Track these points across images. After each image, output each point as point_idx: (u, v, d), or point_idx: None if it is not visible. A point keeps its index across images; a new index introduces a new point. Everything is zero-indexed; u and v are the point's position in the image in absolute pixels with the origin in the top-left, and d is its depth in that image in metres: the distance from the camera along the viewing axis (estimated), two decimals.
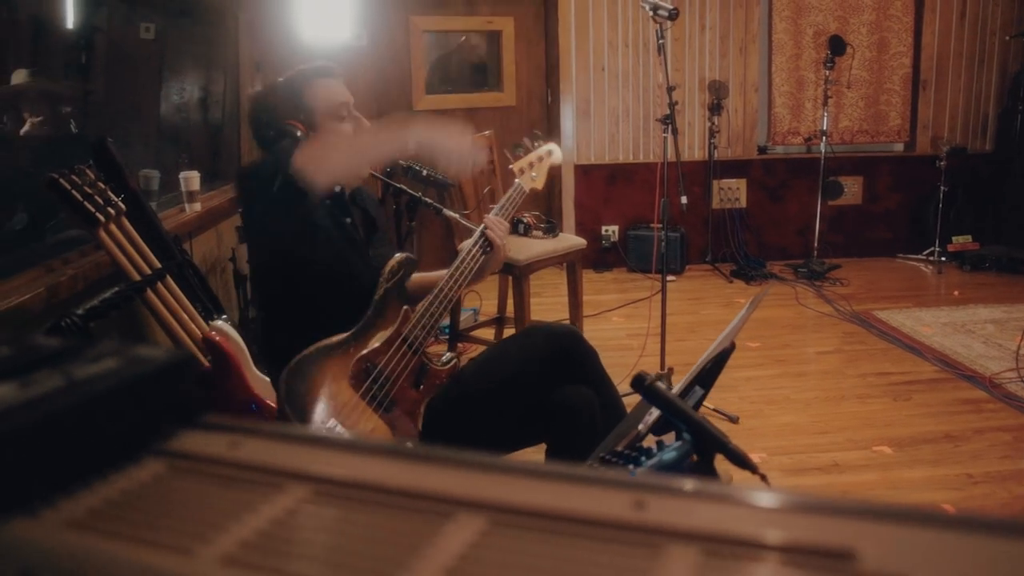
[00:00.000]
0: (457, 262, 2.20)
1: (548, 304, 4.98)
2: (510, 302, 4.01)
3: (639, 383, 1.23)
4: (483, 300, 4.80)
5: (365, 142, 1.98)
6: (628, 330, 4.57)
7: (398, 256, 2.17)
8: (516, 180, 2.49)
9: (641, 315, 4.66)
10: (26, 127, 3.00)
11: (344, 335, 1.96)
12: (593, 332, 4.51)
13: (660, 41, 3.48)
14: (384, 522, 0.38)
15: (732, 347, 1.59)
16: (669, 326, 3.85)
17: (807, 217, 6.04)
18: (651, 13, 3.47)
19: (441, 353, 2.19)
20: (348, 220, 2.18)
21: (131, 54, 3.79)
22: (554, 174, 5.89)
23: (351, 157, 1.93)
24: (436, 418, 2.02)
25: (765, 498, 0.42)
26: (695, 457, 1.25)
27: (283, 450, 0.45)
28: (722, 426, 3.38)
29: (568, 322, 4.08)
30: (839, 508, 0.40)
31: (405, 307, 2.09)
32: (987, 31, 6.27)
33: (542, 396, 2.09)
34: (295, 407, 1.81)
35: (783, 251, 6.20)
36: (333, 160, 1.86)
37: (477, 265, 2.22)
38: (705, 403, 3.50)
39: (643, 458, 1.26)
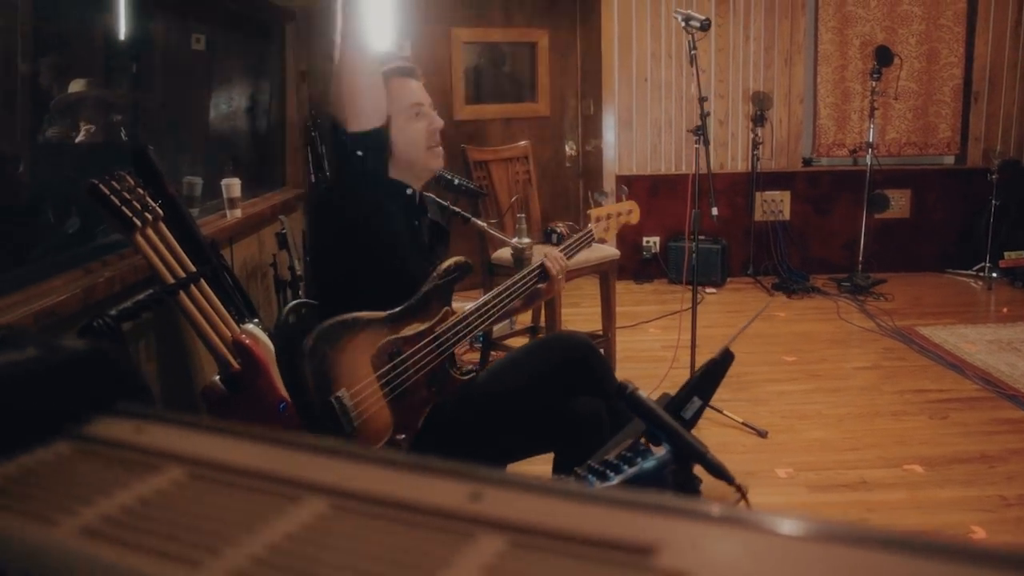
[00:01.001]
0: (509, 282, 2.25)
1: (586, 314, 4.99)
2: (545, 312, 4.03)
3: (621, 392, 1.24)
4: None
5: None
6: (663, 341, 4.55)
7: (456, 259, 2.21)
8: (589, 225, 2.56)
9: (677, 327, 4.64)
10: (80, 135, 3.11)
11: (383, 314, 2.00)
12: (628, 343, 4.52)
13: (692, 52, 3.48)
14: (234, 502, 0.41)
15: (731, 357, 1.58)
16: (705, 339, 3.83)
17: (852, 230, 5.95)
18: (683, 24, 3.48)
19: (464, 366, 2.22)
20: (417, 223, 2.24)
21: (182, 64, 3.91)
22: (596, 184, 5.92)
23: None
24: (439, 420, 2.05)
25: (586, 494, 0.44)
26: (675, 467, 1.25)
27: (177, 435, 0.49)
28: (750, 441, 3.37)
29: (601, 332, 4.09)
30: (648, 505, 0.42)
31: (447, 308, 2.13)
32: None
33: (552, 406, 2.11)
34: (314, 365, 1.87)
35: (827, 264, 6.12)
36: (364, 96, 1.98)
37: (527, 291, 2.28)
38: (734, 416, 3.50)
39: (624, 466, 1.28)
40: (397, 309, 2.03)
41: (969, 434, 3.41)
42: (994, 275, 5.84)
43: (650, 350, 4.47)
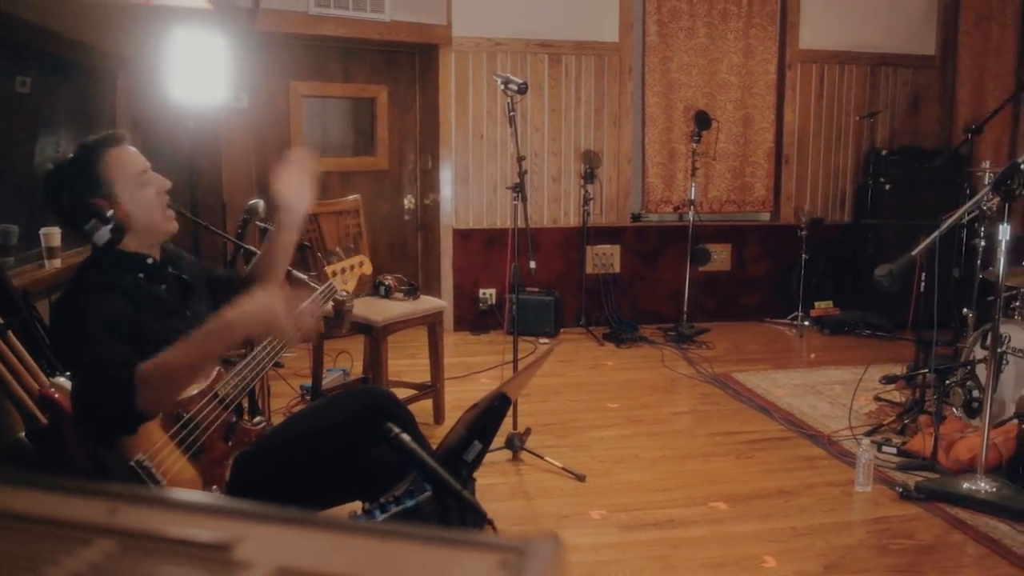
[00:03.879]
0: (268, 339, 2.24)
1: (419, 365, 5.02)
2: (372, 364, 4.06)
3: (385, 435, 1.30)
4: (354, 361, 4.82)
5: (196, 358, 1.87)
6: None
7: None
8: (329, 281, 2.61)
9: (507, 377, 4.75)
10: None
11: None
12: (459, 393, 4.58)
13: (511, 113, 3.64)
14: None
15: (508, 401, 1.67)
16: (534, 388, 3.96)
17: (678, 282, 6.28)
18: (502, 87, 3.64)
19: (254, 417, 2.22)
20: (163, 286, 2.18)
21: (4, 107, 3.77)
22: (434, 237, 6.02)
23: (187, 379, 1.91)
24: (245, 470, 2.05)
25: (186, 504, 0.49)
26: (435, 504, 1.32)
27: None
28: (568, 485, 3.48)
29: (430, 383, 4.15)
30: (231, 511, 0.48)
31: (219, 368, 2.12)
32: (842, 111, 6.71)
33: (356, 455, 2.14)
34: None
35: (656, 315, 6.41)
36: (172, 393, 1.88)
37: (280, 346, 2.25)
38: (554, 461, 3.61)
39: (392, 505, 1.33)
40: None
41: (770, 471, 3.64)
42: (806, 323, 6.27)
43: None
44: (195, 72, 4.63)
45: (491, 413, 1.64)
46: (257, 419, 2.16)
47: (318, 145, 5.92)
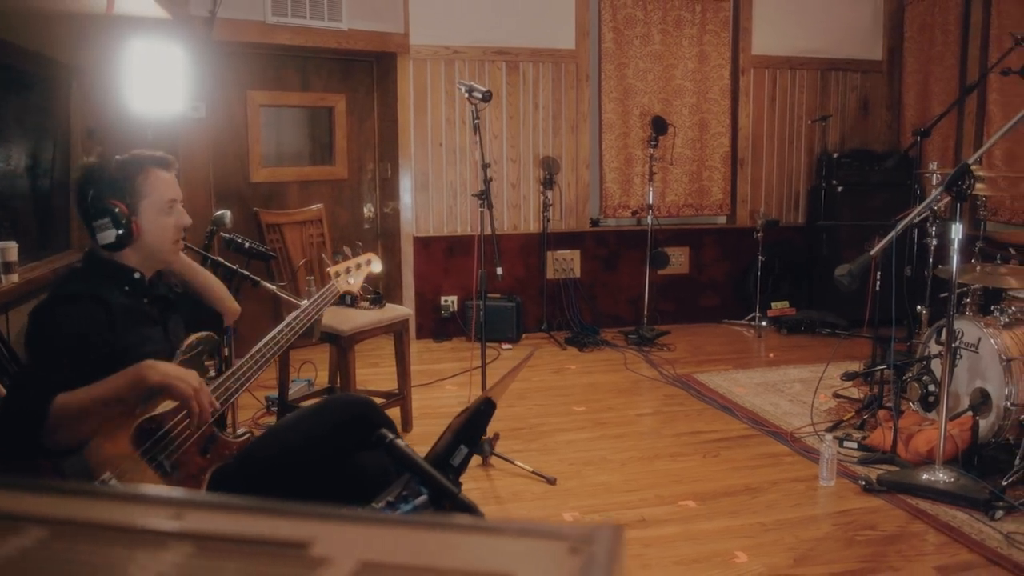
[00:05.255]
0: (260, 344, 2.26)
1: (384, 374, 5.03)
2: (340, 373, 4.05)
3: (380, 441, 1.31)
4: (318, 371, 4.81)
5: (106, 399, 1.87)
6: (459, 398, 4.66)
7: (197, 335, 2.21)
8: (331, 282, 2.62)
9: (473, 383, 4.77)
10: None
11: None
12: (425, 400, 4.60)
13: (475, 121, 3.67)
14: None
15: (492, 405, 1.69)
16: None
17: (638, 286, 6.35)
18: (467, 95, 3.67)
19: (238, 427, 2.22)
20: (146, 300, 2.20)
21: None
22: (395, 245, 6.02)
23: (97, 419, 1.88)
24: (223, 484, 2.05)
25: (251, 507, 0.51)
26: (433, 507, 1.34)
27: None
28: (539, 488, 3.51)
29: (397, 391, 4.15)
30: (303, 513, 0.50)
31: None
32: (795, 115, 6.86)
33: (337, 463, 2.15)
34: (73, 457, 1.84)
35: (616, 319, 6.48)
36: (81, 429, 1.85)
37: (286, 343, 2.30)
38: (524, 465, 3.64)
39: (388, 511, 1.35)
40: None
41: (737, 469, 3.71)
42: (763, 324, 6.39)
43: (446, 406, 4.56)
44: (152, 82, 4.60)
45: (476, 418, 1.66)
46: (241, 431, 2.16)
47: (276, 155, 5.89)
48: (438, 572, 0.42)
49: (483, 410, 1.66)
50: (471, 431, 1.67)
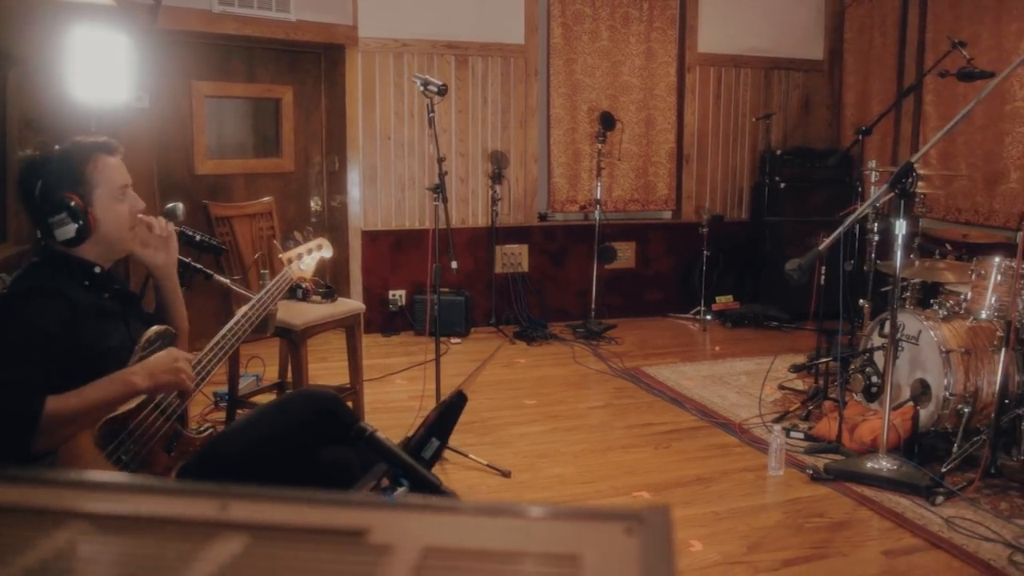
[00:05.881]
0: (218, 337, 2.22)
1: (334, 368, 4.99)
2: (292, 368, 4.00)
3: (360, 434, 1.31)
4: (266, 366, 4.75)
5: (97, 404, 1.87)
6: (410, 392, 4.65)
7: (155, 328, 2.16)
8: (284, 269, 2.59)
9: (423, 377, 4.76)
10: None
11: None
12: (377, 395, 4.58)
13: (431, 115, 3.66)
14: None
15: (463, 398, 1.70)
16: (449, 387, 3.94)
17: (585, 280, 6.41)
18: (421, 88, 3.66)
19: (201, 424, 2.19)
20: (106, 295, 2.15)
21: None
22: (342, 239, 5.96)
23: (85, 423, 1.87)
24: (188, 480, 2.02)
25: (313, 498, 0.51)
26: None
27: None
28: (495, 481, 3.53)
29: (349, 385, 4.12)
30: (362, 503, 0.50)
31: None
32: (739, 113, 6.98)
33: (304, 457, 2.13)
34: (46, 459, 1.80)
35: (564, 313, 6.53)
36: (69, 433, 1.84)
37: (242, 334, 2.27)
38: (479, 459, 3.64)
39: None
40: None
41: (688, 460, 3.78)
42: (708, 317, 6.50)
43: (397, 400, 4.55)
44: (94, 71, 4.48)
45: (449, 411, 1.67)
46: (204, 427, 2.13)
47: (221, 146, 5.79)
48: (503, 555, 0.43)
49: (456, 403, 1.66)
50: (443, 424, 1.68)
